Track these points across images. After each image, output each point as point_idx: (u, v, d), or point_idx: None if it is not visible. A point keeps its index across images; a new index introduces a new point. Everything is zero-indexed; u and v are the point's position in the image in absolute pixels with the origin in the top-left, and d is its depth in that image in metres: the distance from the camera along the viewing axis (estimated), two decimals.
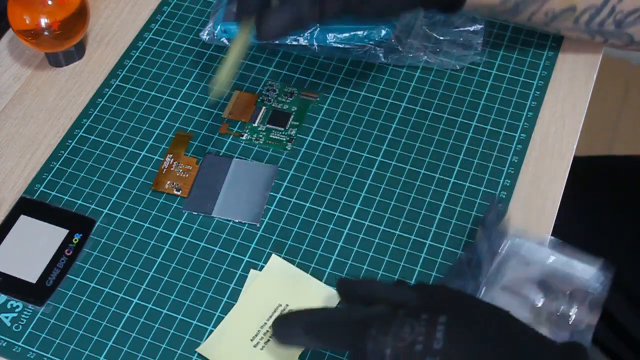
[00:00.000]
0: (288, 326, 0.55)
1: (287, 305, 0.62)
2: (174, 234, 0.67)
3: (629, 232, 0.85)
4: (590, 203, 0.88)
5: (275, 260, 0.64)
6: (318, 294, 0.63)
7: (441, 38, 0.76)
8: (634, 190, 0.88)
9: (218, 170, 0.70)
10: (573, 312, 0.59)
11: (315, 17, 0.63)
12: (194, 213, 0.68)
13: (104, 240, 0.67)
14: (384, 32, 0.75)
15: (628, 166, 0.94)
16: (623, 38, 0.71)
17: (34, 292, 0.64)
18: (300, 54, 0.77)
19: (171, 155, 0.71)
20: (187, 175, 0.70)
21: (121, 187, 0.70)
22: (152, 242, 0.67)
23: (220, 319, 0.62)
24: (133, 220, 0.68)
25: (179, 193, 0.69)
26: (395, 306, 0.52)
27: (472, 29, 0.76)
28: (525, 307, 0.59)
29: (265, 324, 0.61)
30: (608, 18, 0.69)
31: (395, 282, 0.56)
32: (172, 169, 0.70)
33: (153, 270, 0.65)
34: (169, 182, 0.69)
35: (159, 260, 0.66)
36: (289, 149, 0.72)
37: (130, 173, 0.71)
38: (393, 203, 0.68)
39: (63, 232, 0.67)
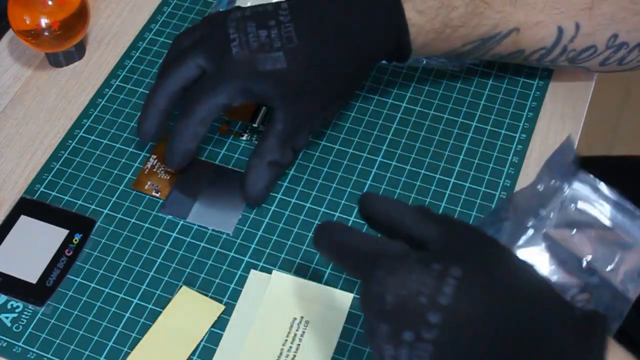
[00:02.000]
0: (320, 236, 0.53)
1: (302, 317, 0.62)
2: (174, 234, 0.67)
3: None
4: None
5: (277, 276, 0.64)
6: (326, 298, 0.63)
7: None
8: (633, 191, 0.88)
9: (198, 175, 0.70)
10: (620, 275, 0.55)
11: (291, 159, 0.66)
12: (169, 216, 0.68)
13: (104, 240, 0.67)
14: None
15: (627, 165, 0.94)
16: (579, 69, 0.71)
17: (34, 292, 0.64)
18: None
19: (155, 156, 0.71)
20: (168, 177, 0.70)
21: (121, 187, 0.70)
22: (152, 242, 0.67)
23: (220, 319, 0.62)
24: (133, 220, 0.68)
25: (157, 195, 0.69)
26: (413, 241, 0.50)
27: None
28: (569, 260, 0.55)
29: (286, 340, 0.61)
30: (560, 56, 0.68)
31: (421, 209, 0.52)
32: (154, 170, 0.70)
33: (153, 270, 0.65)
34: (149, 183, 0.69)
35: (159, 260, 0.66)
36: None
37: (130, 173, 0.71)
38: None
39: (63, 232, 0.67)
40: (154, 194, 0.69)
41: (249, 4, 0.77)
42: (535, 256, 0.57)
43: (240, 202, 0.68)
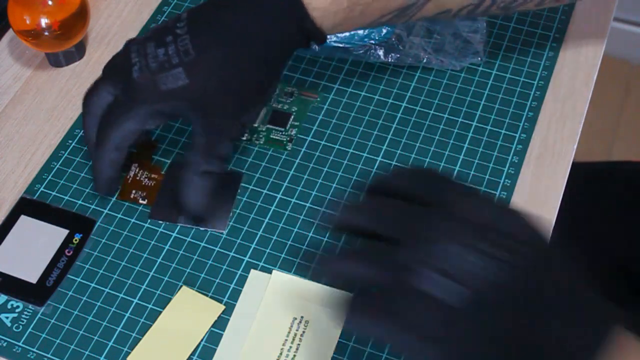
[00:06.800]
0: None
1: (302, 317, 0.62)
2: (174, 234, 0.67)
3: (630, 231, 0.85)
4: (590, 203, 0.88)
5: (277, 276, 0.64)
6: (327, 298, 0.63)
7: (441, 37, 0.76)
8: (633, 192, 0.89)
9: None
10: None
11: None
12: (159, 222, 0.67)
13: (104, 240, 0.67)
14: (384, 31, 0.75)
15: (627, 171, 0.94)
16: (515, 12, 0.68)
17: (34, 292, 0.64)
18: (300, 54, 0.77)
19: (136, 164, 0.70)
20: (153, 184, 0.70)
21: (121, 187, 0.70)
22: (152, 242, 0.67)
23: (220, 319, 0.62)
24: (133, 220, 0.68)
25: (144, 202, 0.69)
26: None
27: (472, 28, 0.76)
28: None
29: (286, 339, 0.61)
30: (491, 6, 0.65)
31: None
32: (137, 178, 0.70)
33: (153, 270, 0.65)
34: (134, 191, 0.69)
35: (159, 260, 0.66)
36: (289, 149, 0.72)
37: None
38: None
39: (63, 232, 0.67)
40: (140, 201, 0.69)
41: None
42: None
43: (229, 200, 0.68)
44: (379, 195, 0.51)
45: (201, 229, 0.67)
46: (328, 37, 0.75)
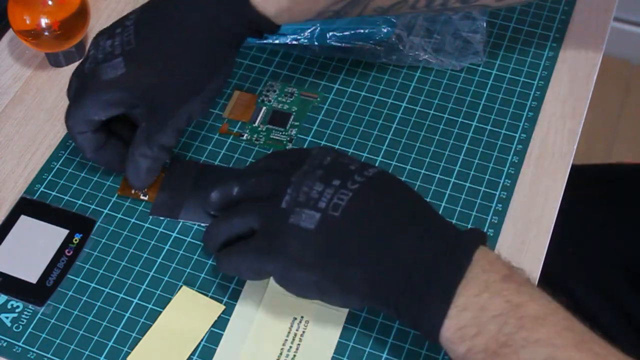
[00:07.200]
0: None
1: (302, 317, 0.62)
2: (174, 234, 0.67)
3: (630, 231, 0.85)
4: (590, 203, 0.88)
5: None
6: None
7: (441, 37, 0.76)
8: (633, 192, 0.89)
9: (184, 174, 0.70)
10: None
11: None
12: (161, 218, 0.67)
13: (104, 240, 0.67)
14: (385, 30, 0.75)
15: (627, 171, 0.94)
16: (476, 7, 0.69)
17: (34, 292, 0.64)
18: (300, 54, 0.77)
19: None
20: (154, 180, 0.69)
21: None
22: (153, 242, 0.67)
23: (220, 319, 0.62)
24: (133, 220, 0.68)
25: (145, 198, 0.69)
26: None
27: (472, 28, 0.76)
28: None
29: (286, 339, 0.61)
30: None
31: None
32: None
33: (153, 270, 0.65)
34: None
35: (159, 260, 0.66)
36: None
37: None
38: None
39: (63, 232, 0.67)
40: (142, 197, 0.69)
41: None
42: None
43: None
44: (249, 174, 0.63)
45: (202, 227, 0.67)
46: (327, 36, 0.75)
